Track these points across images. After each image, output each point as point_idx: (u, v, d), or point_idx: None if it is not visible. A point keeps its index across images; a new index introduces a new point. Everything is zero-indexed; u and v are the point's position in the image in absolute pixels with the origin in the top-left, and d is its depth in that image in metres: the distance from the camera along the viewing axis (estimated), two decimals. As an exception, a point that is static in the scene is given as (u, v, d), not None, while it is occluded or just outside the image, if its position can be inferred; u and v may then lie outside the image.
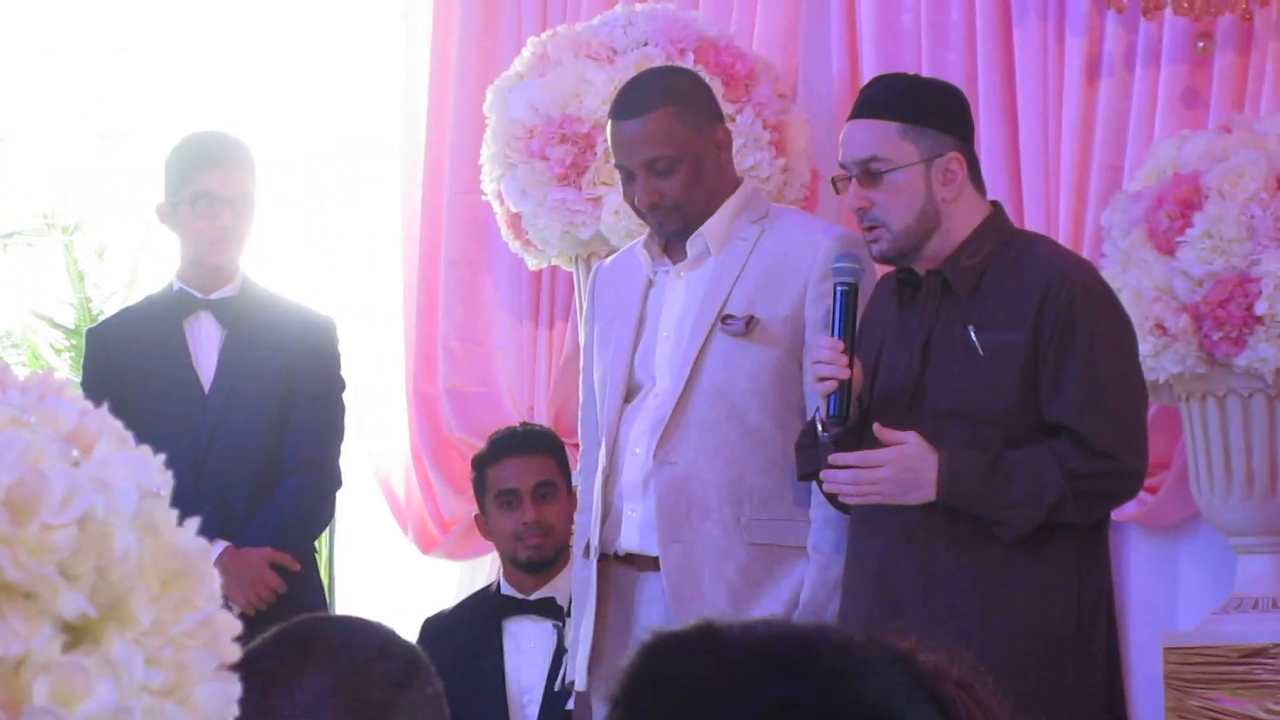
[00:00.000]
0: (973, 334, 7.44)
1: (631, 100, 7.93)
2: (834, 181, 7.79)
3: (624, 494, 8.06)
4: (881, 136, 7.56)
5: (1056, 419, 7.39)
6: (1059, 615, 7.33)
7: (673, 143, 7.75)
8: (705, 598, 7.83)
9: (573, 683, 8.61)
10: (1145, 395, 7.72)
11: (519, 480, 9.10)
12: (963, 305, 7.51)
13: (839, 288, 7.54)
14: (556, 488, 9.15)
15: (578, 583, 8.21)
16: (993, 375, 7.43)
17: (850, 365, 7.40)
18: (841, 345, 7.43)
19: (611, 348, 8.21)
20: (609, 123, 8.03)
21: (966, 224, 7.60)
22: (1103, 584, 7.63)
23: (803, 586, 7.80)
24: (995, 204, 7.84)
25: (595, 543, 8.07)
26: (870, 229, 7.53)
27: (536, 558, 9.07)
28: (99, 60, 12.62)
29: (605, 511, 8.09)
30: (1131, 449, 7.46)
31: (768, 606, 7.49)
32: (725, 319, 7.92)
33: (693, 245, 8.12)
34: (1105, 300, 7.73)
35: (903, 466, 7.25)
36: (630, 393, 8.14)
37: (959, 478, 7.27)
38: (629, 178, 7.86)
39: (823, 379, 7.42)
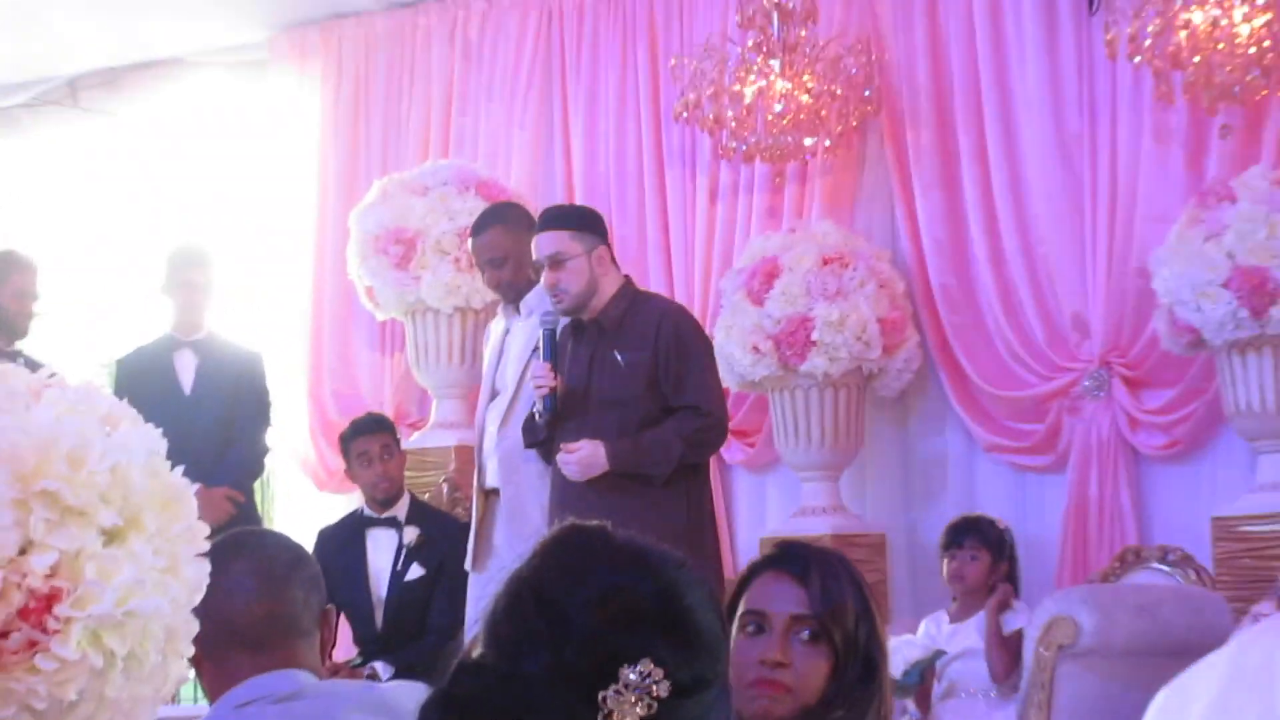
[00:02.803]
0: (618, 356, 7.54)
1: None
2: (534, 269, 7.86)
3: (487, 455, 8.06)
4: (560, 240, 7.55)
5: (682, 402, 7.50)
6: (684, 516, 7.44)
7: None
8: (528, 515, 7.82)
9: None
10: (720, 382, 7.89)
11: (369, 448, 9.00)
12: (611, 338, 7.57)
13: (545, 330, 7.61)
14: (392, 452, 9.05)
15: (476, 506, 8.21)
16: (630, 379, 7.50)
17: (556, 378, 7.52)
18: (549, 366, 7.54)
19: (489, 371, 8.24)
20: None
21: (610, 289, 7.62)
22: (706, 505, 7.75)
23: None
24: (627, 276, 7.86)
25: (477, 484, 8.12)
26: (556, 294, 7.59)
27: (384, 496, 8.94)
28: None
29: (481, 466, 8.12)
30: (722, 410, 7.70)
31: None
32: (537, 351, 7.89)
33: (524, 306, 8.16)
34: (695, 329, 7.85)
35: (581, 462, 7.38)
36: (494, 396, 8.14)
37: (620, 458, 7.38)
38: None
39: (539, 387, 7.52)
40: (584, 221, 7.73)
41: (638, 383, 7.51)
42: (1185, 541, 8.59)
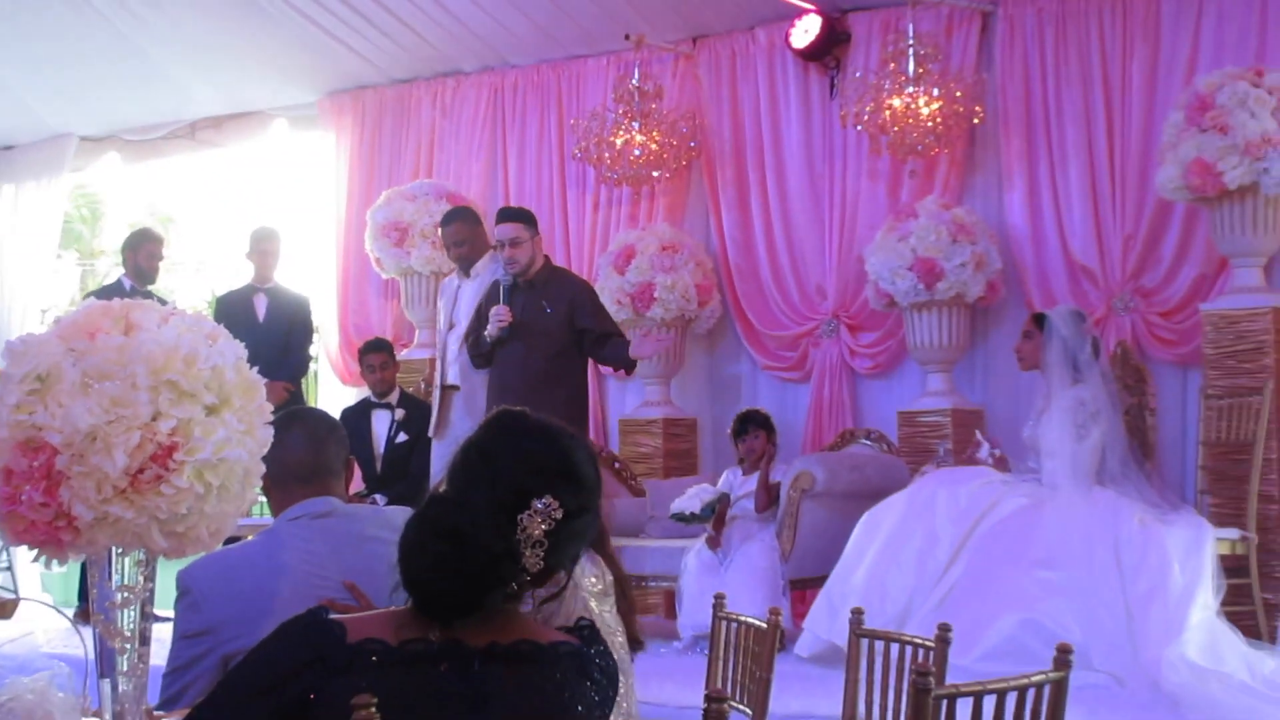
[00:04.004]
0: (546, 305, 7.45)
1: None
2: (495, 246, 7.74)
3: (449, 362, 7.91)
4: (518, 229, 7.46)
5: (606, 331, 7.48)
6: (574, 403, 7.39)
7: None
8: (476, 403, 7.69)
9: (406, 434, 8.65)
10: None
11: (374, 361, 8.95)
12: (539, 293, 7.49)
13: (504, 287, 7.51)
14: (389, 363, 8.95)
15: (436, 398, 8.06)
16: (553, 318, 7.40)
17: (510, 315, 7.44)
18: (507, 309, 7.44)
19: (445, 310, 8.11)
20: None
21: (539, 262, 7.54)
22: (588, 390, 7.74)
23: None
24: (547, 256, 7.79)
25: (439, 381, 7.98)
26: (511, 264, 7.47)
27: (381, 390, 8.89)
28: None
29: (444, 371, 7.98)
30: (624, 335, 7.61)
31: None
32: (483, 298, 7.81)
33: (473, 272, 8.05)
34: (596, 294, 7.80)
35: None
36: (451, 327, 8.03)
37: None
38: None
39: (500, 321, 7.40)
40: (531, 218, 7.66)
41: (556, 322, 7.44)
42: (881, 426, 8.69)
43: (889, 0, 8.69)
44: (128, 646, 2.54)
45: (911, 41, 8.33)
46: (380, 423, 8.99)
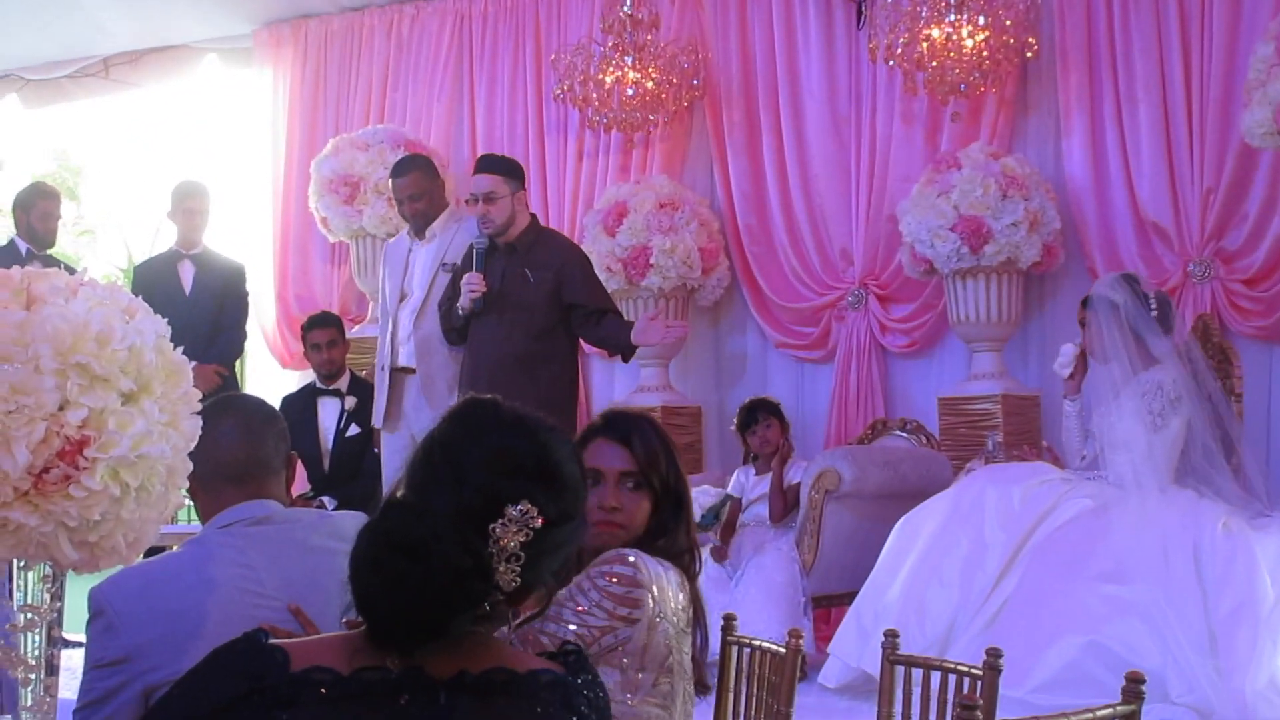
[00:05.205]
0: (529, 273, 7.45)
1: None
2: (467, 201, 7.74)
3: (401, 341, 7.92)
4: (495, 182, 7.48)
5: (604, 307, 7.53)
6: (561, 391, 7.38)
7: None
8: (436, 389, 7.75)
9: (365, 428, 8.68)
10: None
11: (320, 339, 8.96)
12: (521, 258, 7.48)
13: (477, 250, 7.51)
14: (337, 342, 8.97)
15: (379, 380, 8.06)
16: (535, 290, 7.40)
17: (485, 284, 7.43)
18: (480, 277, 7.44)
19: (394, 278, 8.10)
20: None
21: (523, 223, 7.55)
22: (576, 384, 7.75)
23: None
24: (533, 214, 7.81)
25: (386, 363, 7.96)
26: (484, 223, 7.48)
27: (327, 373, 8.92)
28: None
29: (393, 350, 7.98)
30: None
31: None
32: (443, 265, 7.86)
33: (429, 232, 8.05)
34: (589, 262, 7.80)
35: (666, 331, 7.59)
36: (403, 297, 8.03)
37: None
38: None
39: (473, 291, 7.41)
40: (512, 170, 7.67)
41: (541, 294, 7.45)
42: (919, 415, 8.70)
43: (926, -88, 8.69)
44: (32, 677, 2.55)
45: (953, -40, 8.33)
46: (328, 412, 9.00)
